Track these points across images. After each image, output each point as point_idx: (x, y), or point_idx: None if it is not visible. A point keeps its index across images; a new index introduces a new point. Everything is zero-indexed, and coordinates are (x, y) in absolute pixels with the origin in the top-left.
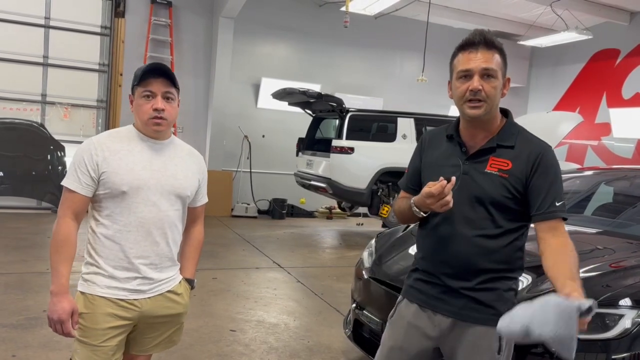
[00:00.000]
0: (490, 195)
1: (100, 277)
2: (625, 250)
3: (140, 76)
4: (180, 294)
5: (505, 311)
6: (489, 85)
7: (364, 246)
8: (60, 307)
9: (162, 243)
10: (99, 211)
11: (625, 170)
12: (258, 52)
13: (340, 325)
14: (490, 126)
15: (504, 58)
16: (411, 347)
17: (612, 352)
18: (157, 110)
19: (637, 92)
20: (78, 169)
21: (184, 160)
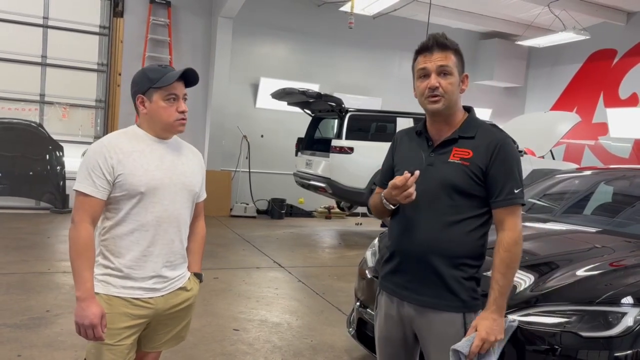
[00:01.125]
0: (453, 182)
1: (115, 278)
2: (624, 250)
3: (165, 80)
4: (191, 289)
5: (467, 298)
6: (446, 82)
7: (364, 246)
8: (90, 312)
9: (176, 241)
10: (114, 212)
11: (624, 170)
12: (257, 52)
13: (343, 324)
14: (453, 120)
15: (459, 57)
16: (393, 335)
17: (615, 349)
18: (183, 112)
19: (634, 92)
20: (93, 173)
21: (188, 158)
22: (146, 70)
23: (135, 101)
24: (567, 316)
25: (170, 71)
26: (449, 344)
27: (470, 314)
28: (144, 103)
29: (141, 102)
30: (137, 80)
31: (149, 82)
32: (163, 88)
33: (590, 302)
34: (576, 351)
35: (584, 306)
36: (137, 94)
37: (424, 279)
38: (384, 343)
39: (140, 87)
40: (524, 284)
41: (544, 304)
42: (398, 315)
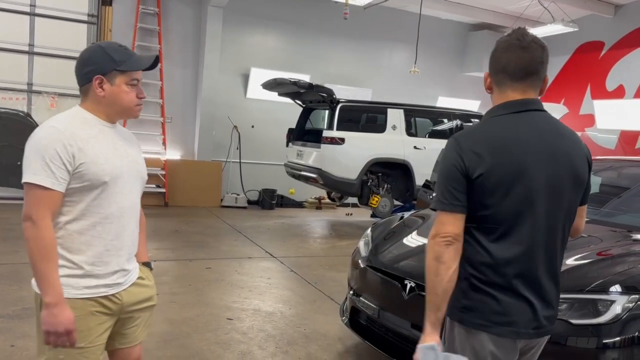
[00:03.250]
0: None
1: (76, 279)
2: (611, 239)
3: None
4: (145, 278)
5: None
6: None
7: (354, 236)
8: (64, 318)
9: (135, 231)
10: (71, 206)
11: (611, 161)
12: (247, 42)
13: (336, 313)
14: None
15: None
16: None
17: (604, 336)
18: (142, 98)
19: (620, 84)
20: (52, 163)
21: (133, 143)
22: (107, 49)
23: (92, 81)
24: None
25: (133, 53)
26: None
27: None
28: (102, 85)
29: (100, 84)
30: (94, 59)
31: (113, 63)
32: (128, 72)
33: (580, 290)
34: (566, 338)
35: (574, 294)
36: (97, 74)
37: None
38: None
39: (101, 67)
40: None
41: None
42: None
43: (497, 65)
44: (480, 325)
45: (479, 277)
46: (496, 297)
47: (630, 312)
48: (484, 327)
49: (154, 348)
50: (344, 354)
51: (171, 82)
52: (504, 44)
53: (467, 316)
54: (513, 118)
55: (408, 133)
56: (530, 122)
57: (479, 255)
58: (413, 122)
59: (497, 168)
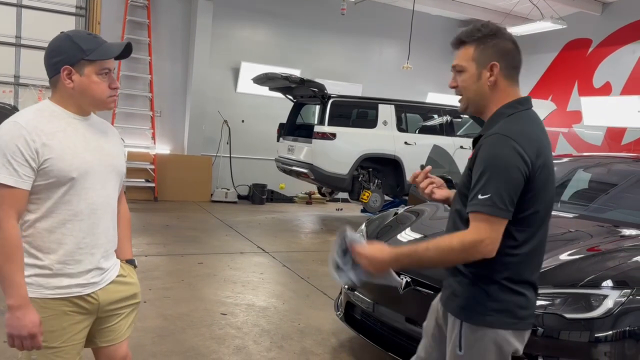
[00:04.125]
0: (459, 188)
1: (47, 278)
2: (600, 235)
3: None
4: (127, 275)
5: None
6: (460, 79)
7: None
8: (29, 321)
9: (111, 228)
10: (38, 203)
11: (599, 158)
12: (237, 36)
13: (329, 308)
14: (485, 117)
15: (483, 46)
16: (428, 324)
17: (596, 330)
18: (116, 89)
19: (607, 81)
20: (13, 160)
21: (110, 137)
22: (74, 38)
23: (60, 72)
24: (552, 299)
25: (103, 42)
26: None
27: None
28: (71, 76)
29: (68, 75)
30: (62, 48)
31: (81, 52)
32: (98, 61)
33: (573, 285)
34: (559, 332)
35: (567, 289)
36: (64, 64)
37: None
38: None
39: (69, 57)
40: None
41: None
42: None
43: (513, 61)
44: (511, 324)
45: (513, 278)
46: (526, 294)
47: (622, 307)
48: (513, 325)
49: (150, 343)
50: (339, 348)
51: (161, 75)
52: (515, 42)
53: (496, 318)
54: (531, 114)
55: (399, 129)
56: (537, 118)
57: (515, 256)
58: (404, 117)
59: (544, 169)
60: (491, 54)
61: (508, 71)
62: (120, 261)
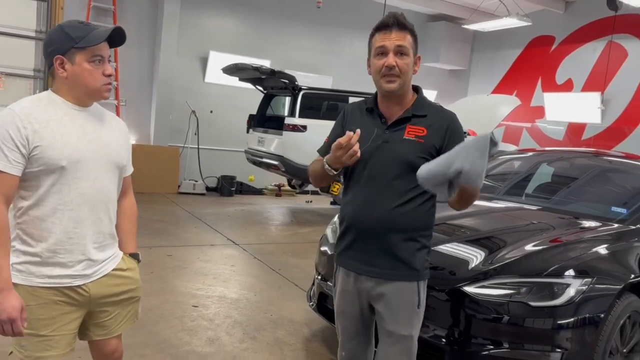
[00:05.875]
0: (408, 159)
1: (38, 266)
2: (561, 227)
3: (92, 39)
4: (127, 269)
5: (420, 267)
6: (402, 62)
7: (315, 223)
8: (9, 305)
9: (104, 219)
10: (31, 190)
11: (562, 152)
12: (206, 25)
13: (301, 299)
14: (404, 99)
15: (415, 38)
16: (350, 309)
17: (559, 317)
18: (110, 76)
19: (569, 77)
20: (4, 145)
21: (112, 128)
22: (65, 27)
23: (54, 63)
24: (517, 287)
25: (93, 29)
26: (404, 312)
27: (422, 282)
28: (63, 65)
29: (60, 64)
30: (54, 39)
31: (70, 41)
32: (88, 48)
33: (538, 274)
34: (524, 319)
35: (532, 278)
36: (56, 54)
37: (379, 252)
38: (341, 317)
39: (60, 47)
40: (476, 259)
41: (496, 277)
42: (354, 289)
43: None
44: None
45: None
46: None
47: (583, 295)
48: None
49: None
50: (311, 338)
51: (126, 63)
52: None
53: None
54: None
55: None
56: None
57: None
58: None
59: None
60: (416, 47)
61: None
62: (123, 254)
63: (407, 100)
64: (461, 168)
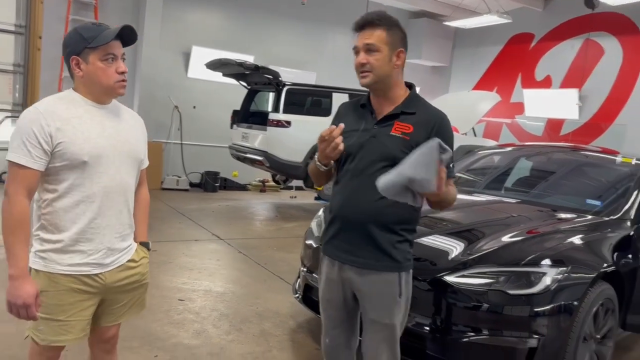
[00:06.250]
0: (393, 154)
1: (60, 254)
2: (539, 219)
3: (102, 38)
4: (140, 259)
5: (401, 259)
6: (372, 58)
7: (300, 218)
8: (24, 292)
9: (124, 211)
10: (56, 184)
11: (540, 147)
12: (189, 19)
13: (286, 292)
14: (393, 96)
15: (391, 33)
16: (334, 297)
17: (536, 305)
18: (123, 73)
19: (548, 74)
20: (28, 142)
21: (129, 124)
22: (79, 29)
23: (70, 63)
24: (496, 277)
25: (105, 29)
26: (386, 301)
27: (403, 273)
28: (79, 65)
29: (76, 64)
30: (69, 41)
31: (83, 41)
32: (100, 47)
33: (516, 264)
34: (502, 307)
35: (510, 267)
36: (71, 55)
37: (362, 243)
38: (326, 305)
39: (74, 48)
40: (456, 250)
41: (475, 266)
42: (339, 278)
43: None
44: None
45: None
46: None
47: (558, 283)
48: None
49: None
50: (297, 329)
51: None
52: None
53: (411, 263)
54: None
55: None
56: None
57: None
58: None
59: None
60: (398, 41)
61: (405, 58)
62: (137, 244)
63: (397, 97)
64: (412, 176)
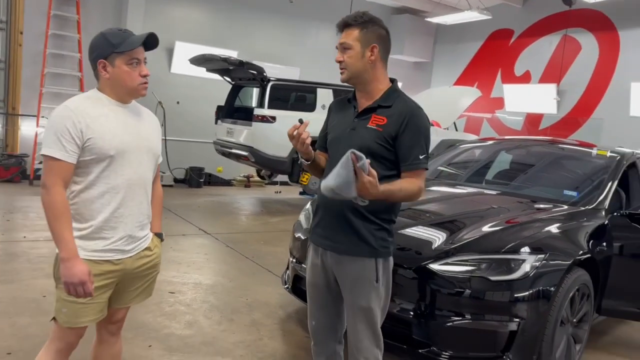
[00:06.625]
0: (367, 145)
1: (86, 241)
2: (517, 209)
3: (128, 44)
4: (155, 247)
5: (378, 246)
6: (346, 56)
7: (286, 212)
8: (78, 270)
9: (144, 201)
10: (83, 176)
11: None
12: (172, 14)
13: (275, 284)
14: (373, 90)
15: (366, 31)
16: (318, 282)
17: (516, 290)
18: (146, 76)
19: (527, 70)
20: (62, 138)
21: (148, 122)
22: (106, 34)
23: (97, 66)
24: (478, 264)
25: (130, 35)
26: (363, 286)
27: (380, 259)
28: (106, 68)
29: (103, 67)
30: (97, 45)
31: (111, 46)
32: (126, 53)
33: (496, 251)
34: (484, 292)
35: (491, 255)
36: (99, 58)
37: (341, 231)
38: (311, 289)
39: (102, 52)
40: (439, 239)
41: (458, 254)
42: (322, 263)
43: (387, 46)
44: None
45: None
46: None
47: (537, 270)
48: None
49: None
50: (286, 319)
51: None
52: (388, 31)
53: (390, 249)
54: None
55: None
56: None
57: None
58: None
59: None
60: (372, 38)
61: (383, 54)
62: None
63: (376, 91)
64: (333, 186)
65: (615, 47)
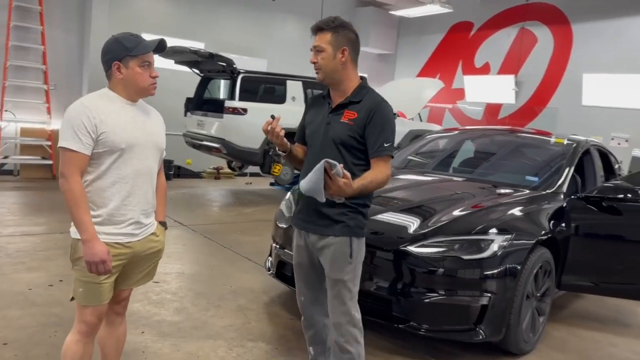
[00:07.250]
0: (340, 138)
1: (99, 226)
2: (482, 195)
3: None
4: (159, 234)
5: (352, 225)
6: (319, 57)
7: (258, 203)
8: (98, 249)
9: (149, 191)
10: (95, 167)
11: (483, 130)
12: (137, 6)
13: (256, 272)
14: (345, 88)
15: (337, 35)
16: (303, 261)
17: (485, 268)
18: (155, 77)
19: (487, 61)
20: (78, 131)
21: (154, 119)
22: (120, 39)
23: (111, 67)
24: (451, 244)
25: (142, 40)
26: (338, 261)
27: (355, 238)
28: (120, 69)
29: (117, 69)
30: (111, 48)
31: (125, 50)
32: (139, 56)
33: (467, 233)
34: (457, 271)
35: (463, 236)
36: (113, 60)
37: (318, 214)
38: (297, 268)
39: (116, 55)
40: (414, 224)
41: (433, 237)
42: (305, 244)
43: (357, 48)
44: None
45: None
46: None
47: (504, 249)
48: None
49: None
50: (271, 302)
51: (54, 46)
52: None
53: (363, 232)
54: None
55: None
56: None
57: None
58: (311, 93)
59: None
60: (342, 41)
61: (353, 55)
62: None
63: (348, 89)
64: (305, 190)
65: (569, 40)
